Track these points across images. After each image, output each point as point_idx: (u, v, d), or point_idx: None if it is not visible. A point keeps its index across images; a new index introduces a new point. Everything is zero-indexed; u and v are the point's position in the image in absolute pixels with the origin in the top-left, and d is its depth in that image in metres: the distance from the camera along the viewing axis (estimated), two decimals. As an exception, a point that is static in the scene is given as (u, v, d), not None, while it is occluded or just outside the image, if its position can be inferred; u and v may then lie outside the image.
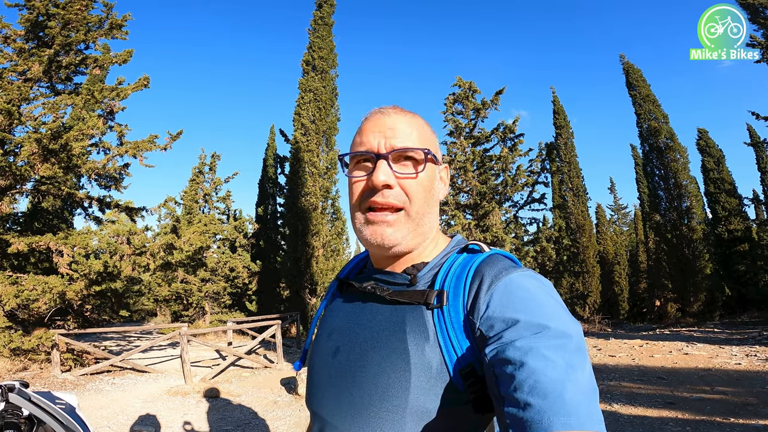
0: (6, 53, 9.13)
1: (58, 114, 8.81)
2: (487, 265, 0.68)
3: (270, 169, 21.91)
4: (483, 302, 0.64)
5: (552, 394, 0.50)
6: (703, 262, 17.89)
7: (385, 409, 0.65)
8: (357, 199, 0.75)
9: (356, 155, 0.76)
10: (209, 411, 6.20)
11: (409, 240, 0.73)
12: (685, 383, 7.07)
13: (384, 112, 0.77)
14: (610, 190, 37.84)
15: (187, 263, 10.87)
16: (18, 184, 8.52)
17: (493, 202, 14.59)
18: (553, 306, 0.62)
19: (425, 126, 0.80)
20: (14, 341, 7.65)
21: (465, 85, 15.61)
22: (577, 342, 0.57)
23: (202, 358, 10.31)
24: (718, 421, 5.03)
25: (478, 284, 0.66)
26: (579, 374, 0.53)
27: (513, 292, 0.63)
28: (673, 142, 18.72)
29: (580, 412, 0.49)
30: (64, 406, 1.33)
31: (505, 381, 0.54)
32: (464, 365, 0.64)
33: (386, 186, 0.71)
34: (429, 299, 0.69)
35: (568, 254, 19.24)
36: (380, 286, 0.76)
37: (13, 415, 1.23)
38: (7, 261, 8.81)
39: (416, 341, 0.67)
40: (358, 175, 0.75)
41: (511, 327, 0.59)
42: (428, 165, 0.75)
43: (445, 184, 0.84)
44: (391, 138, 0.73)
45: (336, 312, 0.83)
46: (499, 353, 0.57)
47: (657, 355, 9.77)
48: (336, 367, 0.74)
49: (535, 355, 0.54)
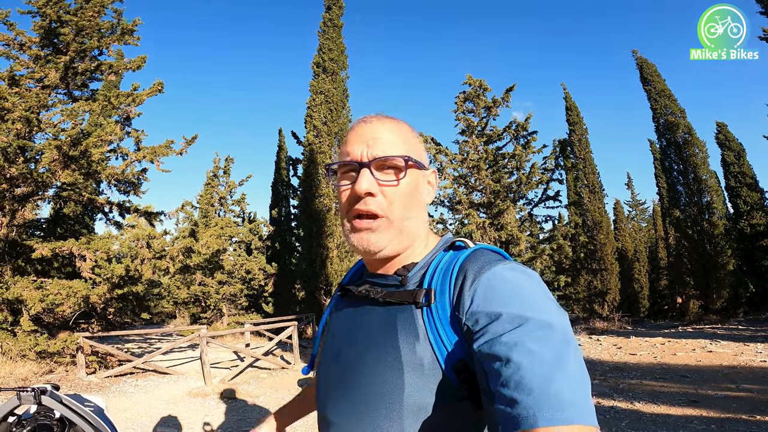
0: (23, 60, 9.34)
1: (76, 121, 8.98)
2: (470, 261, 0.70)
3: (282, 171, 22.07)
4: (467, 297, 0.65)
5: (537, 389, 0.50)
6: (725, 258, 17.47)
7: (383, 407, 0.67)
8: (344, 207, 0.78)
9: (342, 165, 0.79)
10: (228, 412, 6.27)
11: (393, 244, 0.75)
12: (709, 381, 6.93)
13: (367, 121, 0.79)
14: (628, 186, 37.22)
15: (204, 266, 11.02)
16: (40, 190, 8.73)
17: (507, 200, 14.45)
18: (537, 297, 0.62)
19: (408, 132, 0.81)
20: (40, 344, 7.83)
21: (475, 83, 15.49)
22: (563, 332, 0.57)
23: (221, 359, 10.44)
24: (744, 419, 4.93)
25: (462, 280, 0.67)
26: (566, 366, 0.53)
27: (496, 285, 0.64)
28: (691, 136, 18.35)
29: (566, 406, 0.49)
30: (93, 408, 1.36)
31: (493, 377, 0.55)
32: (455, 361, 0.64)
33: (369, 194, 0.74)
34: (417, 298, 0.71)
35: (585, 251, 18.97)
36: (374, 289, 0.79)
37: (45, 416, 1.26)
38: (31, 266, 9.03)
39: (407, 340, 0.68)
40: (344, 185, 0.78)
41: (495, 321, 0.59)
42: (410, 171, 0.77)
43: (433, 188, 0.85)
44: (373, 147, 0.75)
45: (338, 317, 0.87)
46: (486, 349, 0.57)
47: (680, 353, 9.59)
48: (338, 369, 0.77)
49: (521, 350, 0.54)
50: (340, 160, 0.79)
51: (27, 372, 7.68)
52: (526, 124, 15.08)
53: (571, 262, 17.51)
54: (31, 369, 7.82)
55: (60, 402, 1.26)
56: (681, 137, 18.44)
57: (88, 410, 1.31)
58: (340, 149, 0.82)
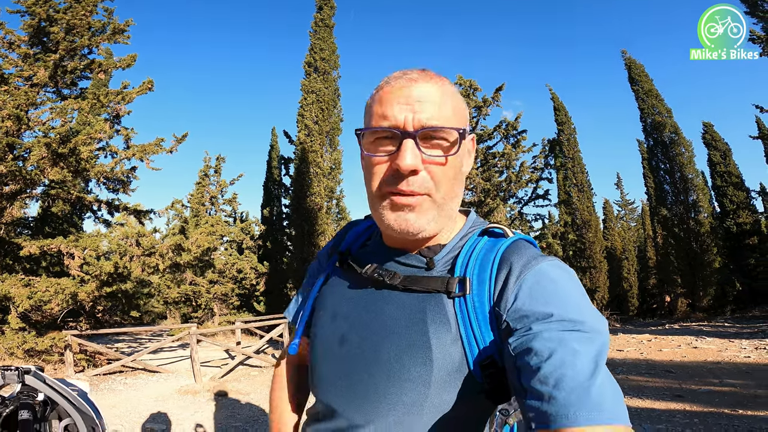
0: (11, 59, 9.26)
1: (65, 118, 8.93)
2: (514, 253, 0.64)
3: (274, 170, 22.00)
4: (511, 293, 0.60)
5: (578, 388, 0.49)
6: (711, 256, 17.71)
7: (402, 402, 0.63)
8: (378, 183, 0.66)
9: (377, 131, 0.65)
10: (219, 409, 6.27)
11: (433, 225, 0.66)
12: (693, 376, 7.04)
13: (411, 78, 0.66)
14: (617, 185, 37.56)
15: (195, 264, 10.99)
16: (28, 188, 8.66)
17: (497, 199, 14.58)
18: (581, 299, 0.60)
19: (457, 96, 0.69)
20: (28, 342, 7.78)
21: (466, 84, 15.60)
22: (604, 339, 0.56)
23: (212, 358, 10.41)
24: (726, 413, 5.02)
25: (507, 273, 0.62)
26: (604, 370, 0.52)
27: (542, 283, 0.60)
28: (678, 136, 18.58)
29: (605, 408, 0.48)
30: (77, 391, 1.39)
31: (528, 373, 0.53)
32: (484, 357, 0.61)
33: (413, 172, 0.63)
34: (451, 287, 0.64)
35: (574, 249, 19.16)
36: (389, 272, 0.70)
37: (28, 396, 1.29)
38: (20, 264, 8.96)
39: (438, 334, 0.63)
40: (380, 156, 0.66)
41: (538, 320, 0.56)
42: (461, 144, 0.66)
43: (471, 155, 0.75)
44: (420, 112, 0.63)
45: (338, 293, 0.77)
46: (525, 343, 0.55)
47: (665, 349, 9.73)
48: (345, 357, 0.70)
49: (564, 348, 0.52)
50: (376, 125, 0.65)
51: (14, 371, 7.62)
52: (516, 123, 15.22)
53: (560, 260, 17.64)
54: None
55: (43, 382, 1.29)
56: (668, 137, 18.67)
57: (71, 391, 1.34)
58: (371, 109, 0.67)
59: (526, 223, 16.38)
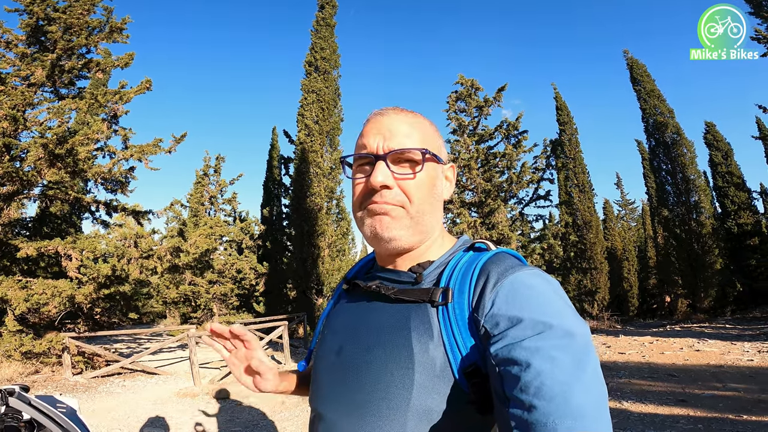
0: (9, 58, 9.20)
1: (63, 119, 8.87)
2: (493, 263, 0.68)
3: (274, 170, 21.94)
4: (488, 299, 0.63)
5: (558, 396, 0.49)
6: (713, 257, 17.66)
7: (387, 407, 0.65)
8: (358, 199, 0.76)
9: (358, 157, 0.77)
10: (218, 412, 6.22)
11: (408, 236, 0.73)
12: (696, 380, 6.99)
13: (383, 114, 0.77)
14: (617, 185, 37.52)
15: (194, 266, 10.92)
16: (25, 189, 8.60)
17: (498, 199, 14.50)
18: (558, 304, 0.61)
19: (426, 125, 0.79)
20: (25, 344, 7.73)
21: (467, 83, 15.53)
22: (584, 341, 0.56)
23: (211, 359, 10.36)
24: (730, 419, 4.97)
25: (484, 282, 0.66)
26: (586, 375, 0.52)
27: (518, 290, 0.62)
28: (680, 136, 18.52)
29: (585, 415, 0.49)
30: (65, 410, 1.33)
31: (510, 381, 0.54)
32: (468, 364, 0.63)
33: (384, 186, 0.72)
34: (434, 296, 0.69)
35: (575, 250, 19.11)
36: (385, 285, 0.76)
37: (13, 418, 1.23)
38: (17, 266, 8.90)
39: (420, 339, 0.66)
40: (359, 177, 0.76)
41: (515, 325, 0.58)
42: (428, 164, 0.75)
43: (451, 183, 0.83)
44: (389, 139, 0.73)
45: (341, 312, 0.84)
46: (504, 353, 0.56)
47: (667, 352, 9.68)
48: (339, 365, 0.74)
49: (542, 356, 0.53)
50: (356, 153, 0.77)
51: (12, 372, 7.57)
52: (517, 124, 15.14)
53: (562, 261, 17.60)
54: (17, 369, 7.71)
55: (28, 404, 1.23)
56: (669, 137, 18.61)
57: (59, 412, 1.28)
58: (357, 142, 0.79)
59: (527, 224, 16.30)
